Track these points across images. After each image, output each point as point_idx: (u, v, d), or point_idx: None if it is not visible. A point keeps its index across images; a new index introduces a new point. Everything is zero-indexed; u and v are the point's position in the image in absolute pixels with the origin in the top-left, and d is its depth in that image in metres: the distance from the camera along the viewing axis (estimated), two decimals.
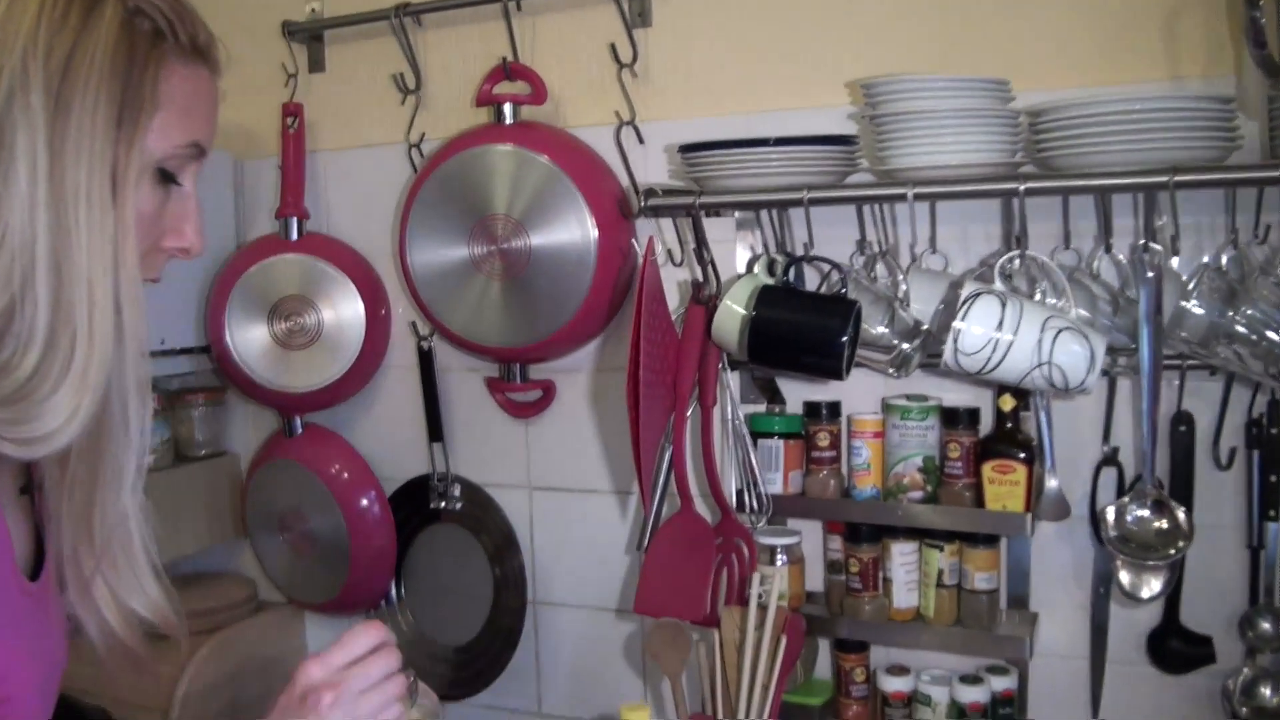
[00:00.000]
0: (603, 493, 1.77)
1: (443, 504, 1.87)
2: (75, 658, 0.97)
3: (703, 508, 1.60)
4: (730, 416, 1.57)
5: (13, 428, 0.77)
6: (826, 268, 1.49)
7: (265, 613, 2.00)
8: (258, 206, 1.98)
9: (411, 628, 1.94)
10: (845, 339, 1.39)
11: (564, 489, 1.80)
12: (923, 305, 1.47)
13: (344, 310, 1.81)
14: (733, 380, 1.57)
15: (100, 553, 0.89)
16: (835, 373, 1.41)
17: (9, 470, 0.89)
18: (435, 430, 1.85)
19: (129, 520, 0.90)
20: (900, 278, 1.48)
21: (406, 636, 1.93)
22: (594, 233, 1.62)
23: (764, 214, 1.58)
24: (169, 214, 0.90)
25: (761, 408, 1.64)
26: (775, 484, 1.59)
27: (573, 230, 1.62)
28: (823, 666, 1.64)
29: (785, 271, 1.49)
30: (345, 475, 1.88)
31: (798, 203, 1.44)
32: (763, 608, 1.46)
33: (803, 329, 1.42)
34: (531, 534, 1.83)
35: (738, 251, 1.60)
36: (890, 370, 1.47)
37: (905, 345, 1.45)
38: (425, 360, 1.84)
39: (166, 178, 0.88)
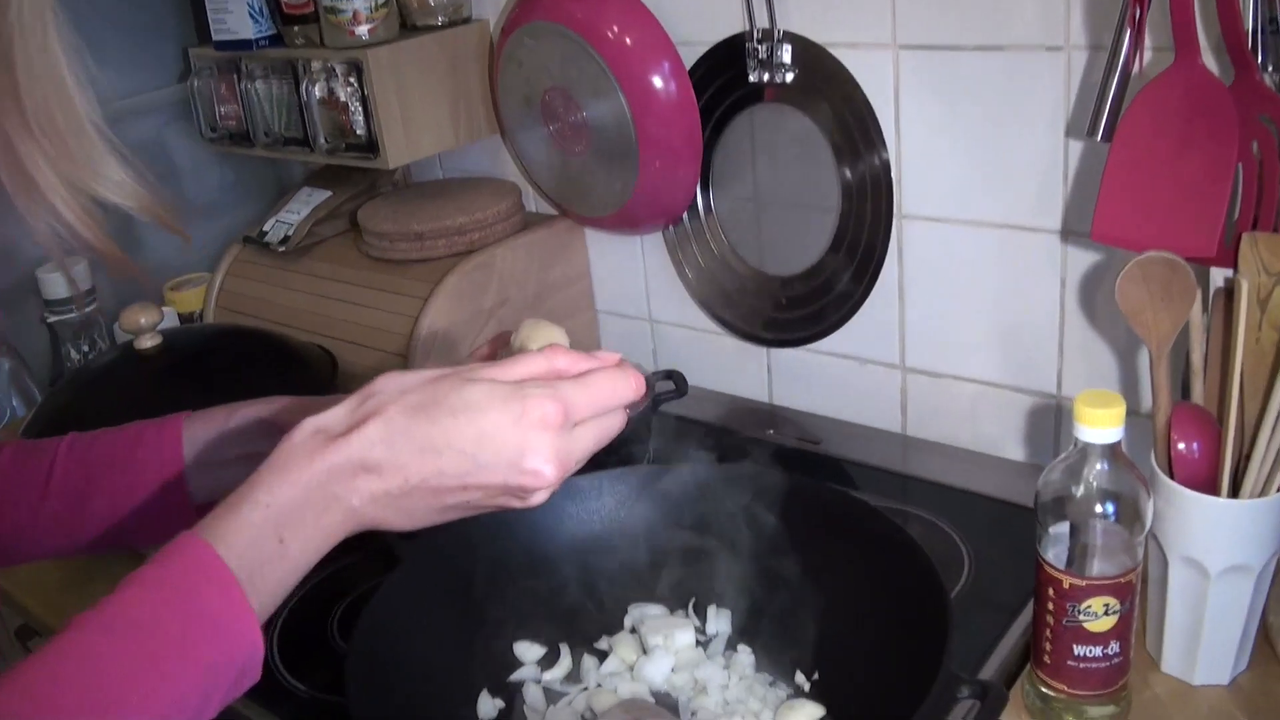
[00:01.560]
0: (1014, 49, 1.13)
1: (766, 76, 1.29)
2: None
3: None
4: None
5: None
6: None
7: (534, 230, 1.55)
8: None
9: (725, 250, 1.43)
10: None
11: (949, 46, 1.18)
12: None
13: None
14: None
15: (37, 128, 0.73)
16: None
17: None
18: None
19: (63, 75, 0.72)
20: None
21: (720, 261, 1.43)
22: None
23: None
24: None
25: None
26: None
27: None
28: None
29: None
30: (627, 39, 1.33)
31: None
32: None
33: None
34: (897, 115, 1.24)
35: None
36: None
37: None
38: None
39: None
